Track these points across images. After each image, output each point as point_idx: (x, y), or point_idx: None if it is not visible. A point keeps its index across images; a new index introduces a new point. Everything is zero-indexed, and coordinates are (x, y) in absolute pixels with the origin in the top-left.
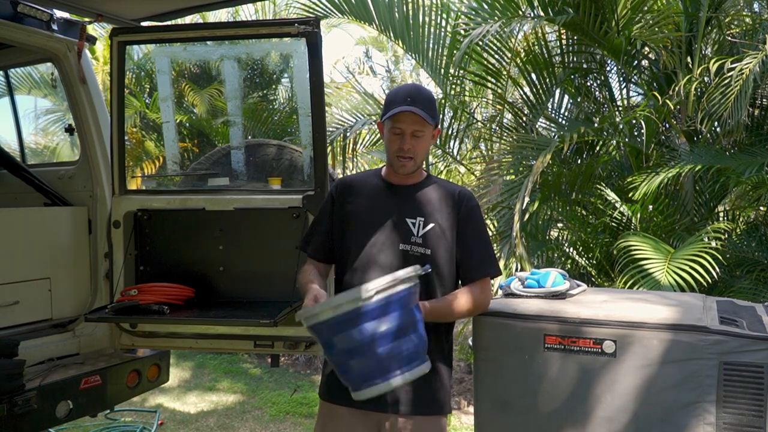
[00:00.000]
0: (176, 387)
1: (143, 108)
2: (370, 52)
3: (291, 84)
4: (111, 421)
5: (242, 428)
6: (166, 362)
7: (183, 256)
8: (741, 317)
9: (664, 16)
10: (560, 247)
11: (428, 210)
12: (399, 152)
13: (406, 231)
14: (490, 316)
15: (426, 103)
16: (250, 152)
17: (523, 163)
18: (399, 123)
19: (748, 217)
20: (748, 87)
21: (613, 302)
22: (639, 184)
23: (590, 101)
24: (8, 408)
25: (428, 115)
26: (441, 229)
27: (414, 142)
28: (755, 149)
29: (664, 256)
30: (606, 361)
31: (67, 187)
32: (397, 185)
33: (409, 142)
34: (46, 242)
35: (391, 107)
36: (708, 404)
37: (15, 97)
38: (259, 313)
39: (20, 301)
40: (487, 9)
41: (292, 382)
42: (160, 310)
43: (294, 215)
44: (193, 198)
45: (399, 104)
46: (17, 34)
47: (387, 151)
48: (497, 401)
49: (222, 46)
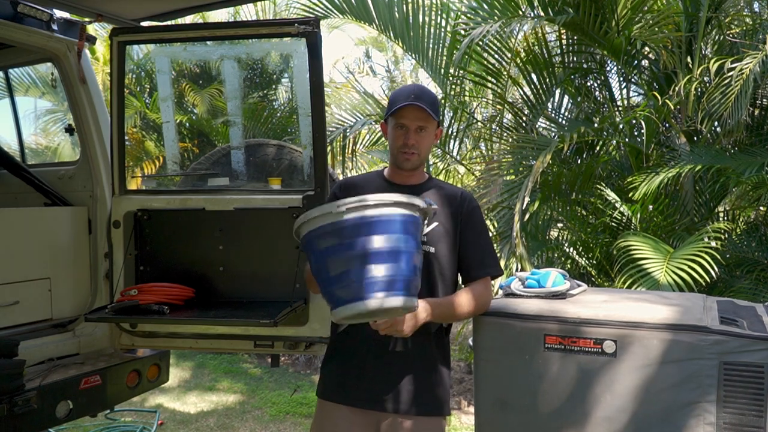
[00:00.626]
0: (176, 387)
1: (143, 108)
2: (370, 52)
3: (291, 84)
4: (111, 421)
5: (242, 428)
6: (166, 362)
7: (183, 256)
8: (741, 317)
9: (664, 16)
10: (560, 247)
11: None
12: (403, 147)
13: None
14: (490, 316)
15: (429, 100)
16: (250, 152)
17: (523, 163)
18: (403, 118)
19: (748, 217)
20: (748, 87)
21: (613, 302)
22: (639, 184)
23: (590, 101)
24: (8, 408)
25: (432, 111)
26: (444, 229)
27: (418, 137)
28: (755, 149)
29: (663, 256)
30: (606, 361)
31: (67, 187)
32: (400, 185)
33: (414, 137)
34: (46, 242)
35: (394, 104)
36: (708, 404)
37: (15, 97)
38: (259, 313)
39: (20, 301)
40: (487, 9)
41: (292, 382)
42: (160, 310)
43: (294, 215)
44: (193, 198)
45: (403, 101)
46: (17, 34)
47: (390, 147)
48: (497, 401)
49: (222, 46)
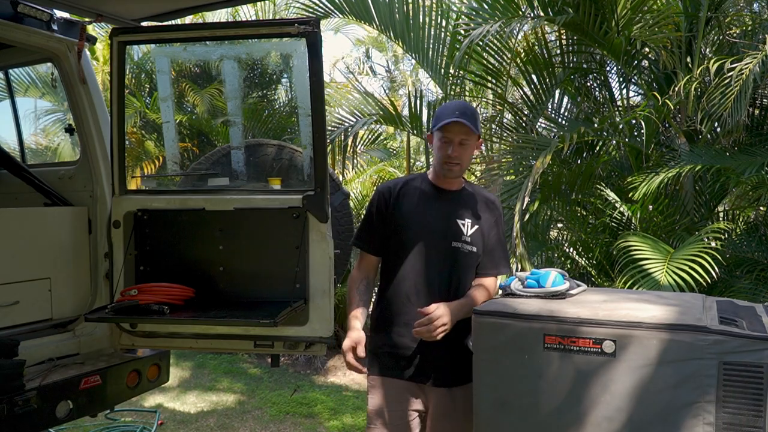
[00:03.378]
0: (176, 387)
1: (143, 108)
2: (370, 52)
3: (291, 84)
4: (111, 421)
5: (242, 428)
6: (166, 362)
7: (183, 256)
8: (741, 317)
9: (664, 16)
10: (560, 247)
11: (474, 213)
12: (447, 159)
13: (457, 230)
14: (490, 316)
15: (471, 116)
16: (250, 152)
17: (523, 164)
18: (448, 133)
19: (748, 217)
20: (748, 87)
21: (612, 302)
22: (639, 184)
23: (590, 101)
24: (8, 408)
25: (474, 126)
26: (482, 230)
27: (460, 149)
28: (755, 149)
29: (663, 256)
30: (605, 361)
31: (67, 187)
32: (445, 190)
33: (456, 150)
34: (46, 242)
35: (440, 119)
36: (707, 404)
37: (15, 97)
38: (259, 313)
39: (20, 301)
40: (487, 9)
41: (292, 382)
42: (160, 310)
43: (294, 215)
44: (193, 198)
45: (448, 117)
46: (17, 34)
47: (435, 157)
48: (497, 401)
49: (222, 46)
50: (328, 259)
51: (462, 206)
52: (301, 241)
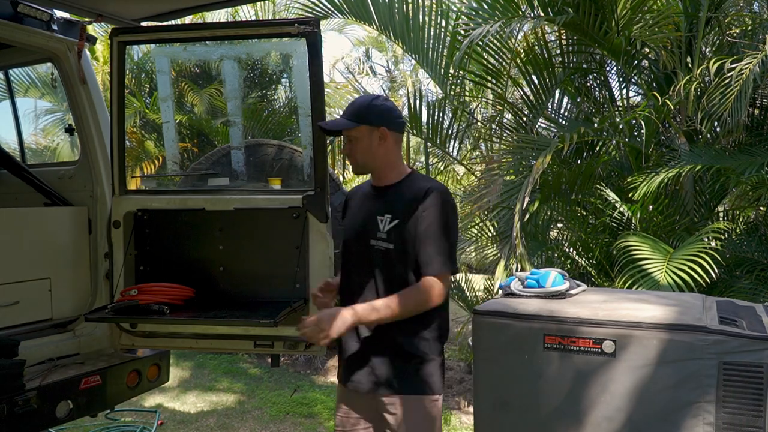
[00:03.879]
0: (176, 387)
1: (143, 108)
2: (369, 53)
3: (291, 84)
4: (111, 421)
5: (242, 428)
6: (166, 362)
7: (183, 256)
8: (741, 317)
9: (664, 16)
10: (560, 247)
11: (398, 207)
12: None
13: (373, 228)
14: (490, 316)
15: (352, 110)
16: (250, 152)
17: (523, 164)
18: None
19: (747, 217)
20: (748, 87)
21: (612, 302)
22: (639, 184)
23: (590, 101)
24: (8, 408)
25: (347, 120)
26: (406, 225)
27: (350, 146)
28: (755, 149)
29: (663, 256)
30: (605, 360)
31: (67, 187)
32: (378, 187)
33: (347, 147)
34: (46, 242)
35: None
36: (707, 404)
37: (15, 97)
38: (259, 313)
39: (20, 301)
40: (487, 9)
41: (292, 382)
42: (160, 310)
43: (294, 215)
44: (193, 198)
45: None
46: (17, 34)
47: None
48: (497, 401)
49: (222, 46)
50: (328, 259)
51: (387, 202)
52: (301, 241)
